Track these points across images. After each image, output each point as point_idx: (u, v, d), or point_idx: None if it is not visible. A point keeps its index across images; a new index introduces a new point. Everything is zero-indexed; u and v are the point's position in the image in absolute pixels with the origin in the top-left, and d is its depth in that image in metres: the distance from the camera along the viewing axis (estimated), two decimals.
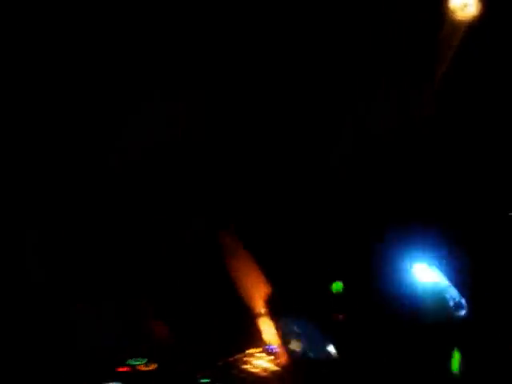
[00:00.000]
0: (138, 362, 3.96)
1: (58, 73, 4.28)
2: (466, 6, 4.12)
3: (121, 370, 3.92)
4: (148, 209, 4.31)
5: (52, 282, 4.18)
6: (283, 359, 3.89)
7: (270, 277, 4.15)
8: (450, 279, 3.94)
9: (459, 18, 4.13)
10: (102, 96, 4.31)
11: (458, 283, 3.93)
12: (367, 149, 4.34)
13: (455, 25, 4.15)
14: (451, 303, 3.88)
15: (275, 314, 4.02)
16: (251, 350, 3.95)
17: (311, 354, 3.84)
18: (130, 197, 4.31)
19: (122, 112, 4.32)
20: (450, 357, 3.72)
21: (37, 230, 4.27)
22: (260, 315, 4.04)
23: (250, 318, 4.08)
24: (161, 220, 4.30)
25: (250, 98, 4.39)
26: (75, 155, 4.32)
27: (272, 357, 3.93)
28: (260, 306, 4.08)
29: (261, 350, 3.96)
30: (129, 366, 3.95)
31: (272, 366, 3.89)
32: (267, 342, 3.98)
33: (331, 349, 3.82)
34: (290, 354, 3.88)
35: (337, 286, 4.03)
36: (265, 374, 3.86)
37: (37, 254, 4.24)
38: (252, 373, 3.87)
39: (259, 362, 3.90)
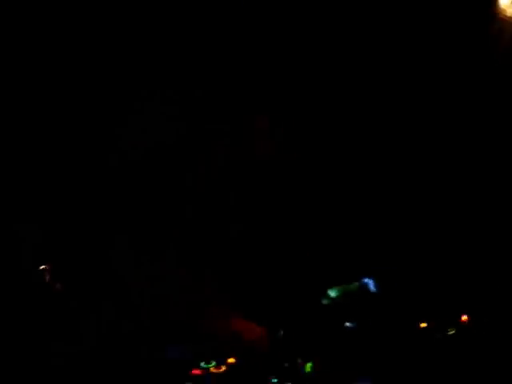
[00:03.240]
0: (209, 365, 4.11)
1: (58, 73, 4.32)
2: None
3: (194, 372, 4.08)
4: (148, 209, 4.29)
5: (52, 281, 4.20)
6: None
7: None
8: None
9: (508, 15, 4.18)
10: (102, 96, 4.35)
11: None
12: None
13: (504, 23, 4.20)
14: None
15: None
16: None
17: None
18: (130, 197, 4.33)
19: (122, 112, 4.35)
20: None
21: (37, 229, 4.26)
22: None
23: None
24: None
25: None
26: (75, 155, 4.35)
27: None
28: None
29: None
30: (201, 368, 4.10)
31: None
32: None
33: None
34: None
35: None
36: None
37: (37, 253, 4.22)
38: None
39: None
